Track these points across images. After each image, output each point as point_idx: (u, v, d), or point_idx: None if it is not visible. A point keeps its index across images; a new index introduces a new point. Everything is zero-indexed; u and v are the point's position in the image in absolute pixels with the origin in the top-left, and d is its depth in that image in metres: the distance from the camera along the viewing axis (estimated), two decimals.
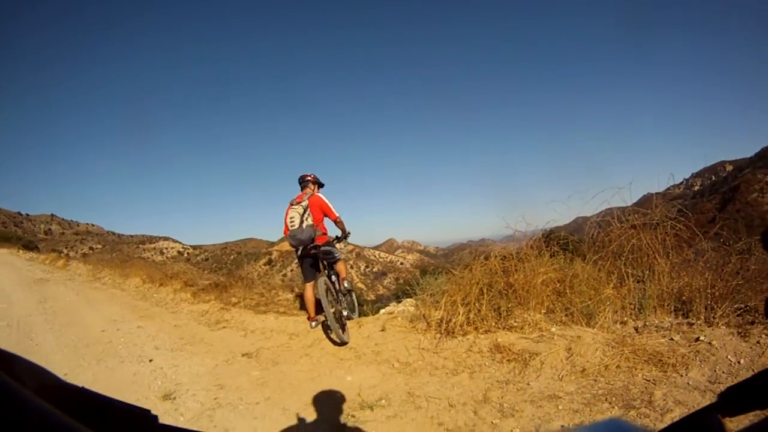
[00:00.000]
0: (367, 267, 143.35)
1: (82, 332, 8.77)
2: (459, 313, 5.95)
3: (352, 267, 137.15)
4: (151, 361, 6.81)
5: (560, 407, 4.06)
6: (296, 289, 10.85)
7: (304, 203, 7.03)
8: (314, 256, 7.10)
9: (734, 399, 0.69)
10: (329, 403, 4.88)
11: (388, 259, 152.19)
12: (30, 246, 42.12)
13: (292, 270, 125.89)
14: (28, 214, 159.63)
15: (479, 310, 5.95)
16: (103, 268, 18.99)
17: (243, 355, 6.77)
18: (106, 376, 6.23)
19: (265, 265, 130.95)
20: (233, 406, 5.01)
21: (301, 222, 6.89)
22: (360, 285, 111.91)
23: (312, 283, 7.04)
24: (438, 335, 5.99)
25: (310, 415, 4.63)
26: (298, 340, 7.16)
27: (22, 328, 9.15)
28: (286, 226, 7.09)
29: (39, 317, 10.33)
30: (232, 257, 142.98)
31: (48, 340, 8.19)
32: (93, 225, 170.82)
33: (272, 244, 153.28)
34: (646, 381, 4.19)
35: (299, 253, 7.11)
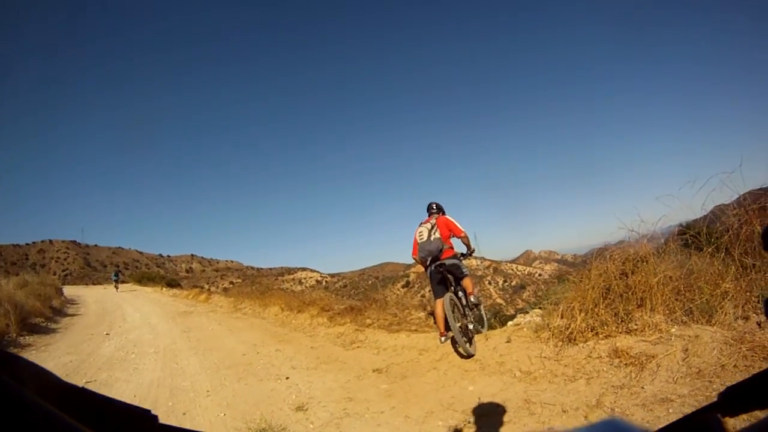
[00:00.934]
0: (505, 281, 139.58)
1: (224, 356, 9.35)
2: (577, 320, 5.96)
3: (490, 283, 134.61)
4: (287, 378, 7.23)
5: (671, 410, 4.05)
6: (428, 308, 11.04)
7: (432, 221, 7.46)
8: (442, 272, 7.35)
9: (734, 399, 0.70)
10: (449, 410, 5.09)
11: (526, 272, 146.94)
12: (173, 284, 43.60)
13: (429, 290, 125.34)
14: (169, 255, 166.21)
15: (598, 315, 5.93)
16: (243, 299, 19.77)
17: (374, 371, 7.09)
18: (245, 392, 6.69)
19: (402, 287, 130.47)
20: (359, 415, 5.33)
21: (429, 236, 7.29)
22: (499, 300, 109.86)
23: (441, 299, 7.15)
24: (560, 343, 6.02)
25: (430, 422, 4.86)
26: (427, 355, 7.37)
27: (168, 354, 9.86)
28: (415, 242, 7.52)
29: (183, 344, 11.08)
30: (369, 282, 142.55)
31: (192, 364, 8.79)
32: (232, 261, 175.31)
33: (409, 266, 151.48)
34: None
35: (428, 268, 7.46)
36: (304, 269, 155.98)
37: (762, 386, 0.67)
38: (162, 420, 0.60)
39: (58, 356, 10.41)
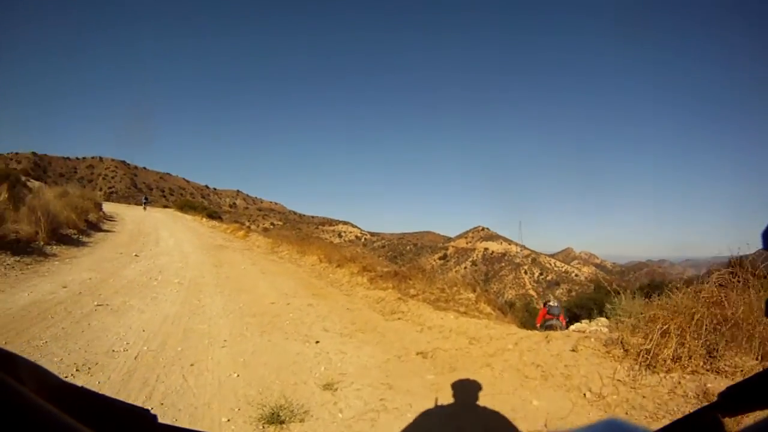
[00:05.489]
0: (540, 274, 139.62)
1: (251, 301, 8.91)
2: (669, 346, 5.14)
3: (525, 273, 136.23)
4: (317, 342, 6.67)
5: None
6: (479, 289, 10.63)
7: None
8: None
9: (734, 399, 0.71)
10: (511, 428, 4.31)
11: (563, 269, 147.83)
12: (213, 215, 44.57)
13: (465, 268, 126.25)
14: (215, 188, 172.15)
15: (686, 344, 5.10)
16: (281, 242, 19.66)
17: (417, 354, 6.45)
18: (266, 350, 6.15)
19: (439, 259, 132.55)
20: (400, 412, 4.56)
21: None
22: (531, 292, 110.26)
23: None
24: (636, 366, 5.22)
25: None
26: (479, 347, 6.63)
27: (192, 288, 9.52)
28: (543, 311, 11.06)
29: (211, 279, 10.81)
30: (408, 248, 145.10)
31: (215, 304, 8.36)
32: (276, 203, 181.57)
33: (449, 239, 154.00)
34: None
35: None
36: (345, 223, 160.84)
37: (762, 386, 0.69)
38: (163, 371, 1.98)
39: (79, 272, 10.25)
